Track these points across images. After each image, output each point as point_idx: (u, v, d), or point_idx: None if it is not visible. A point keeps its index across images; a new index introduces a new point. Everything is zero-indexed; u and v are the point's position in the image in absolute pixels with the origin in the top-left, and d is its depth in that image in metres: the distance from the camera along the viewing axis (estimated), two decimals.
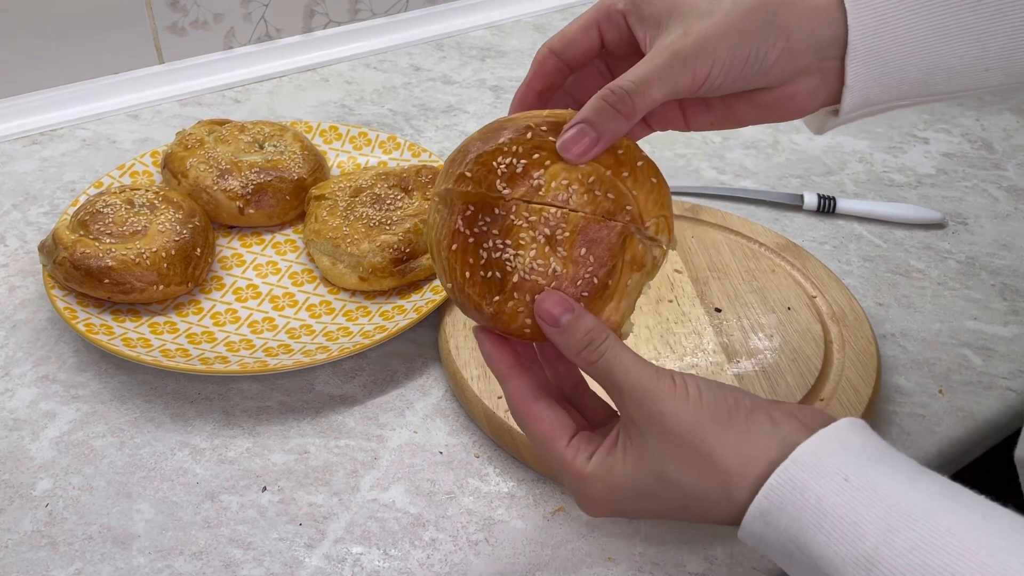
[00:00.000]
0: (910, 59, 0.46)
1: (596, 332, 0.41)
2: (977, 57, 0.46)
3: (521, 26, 1.17)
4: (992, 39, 0.46)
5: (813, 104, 0.48)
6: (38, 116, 0.92)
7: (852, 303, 0.68)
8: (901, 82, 0.47)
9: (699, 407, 0.40)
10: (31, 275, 0.73)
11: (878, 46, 0.46)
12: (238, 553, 0.53)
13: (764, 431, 0.39)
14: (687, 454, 0.40)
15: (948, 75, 0.47)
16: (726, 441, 0.39)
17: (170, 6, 0.96)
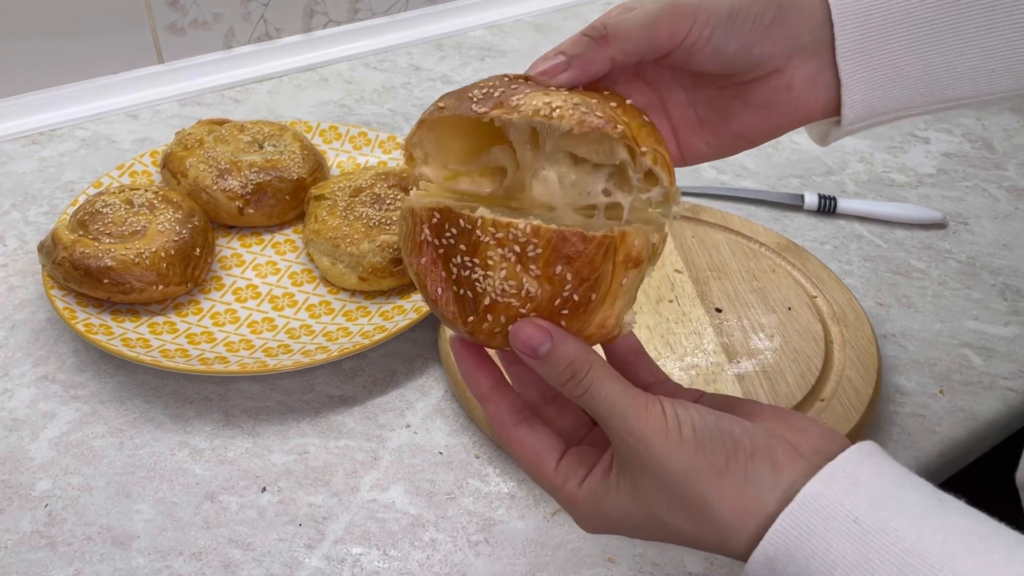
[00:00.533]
0: (905, 58, 0.44)
1: (579, 363, 0.38)
2: (980, 57, 0.45)
3: (521, 26, 1.17)
4: (993, 37, 0.44)
5: (813, 98, 0.45)
6: (37, 116, 0.92)
7: (853, 303, 0.68)
8: (902, 85, 0.45)
9: (693, 453, 0.37)
10: (30, 275, 0.73)
11: (868, 45, 0.44)
12: (238, 553, 0.53)
13: (764, 481, 0.36)
14: (681, 503, 0.37)
15: (952, 77, 0.45)
16: (722, 493, 0.36)
17: (169, 6, 0.95)
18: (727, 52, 0.43)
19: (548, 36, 1.14)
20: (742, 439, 0.37)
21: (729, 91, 0.46)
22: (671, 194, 0.39)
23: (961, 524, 0.34)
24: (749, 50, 0.43)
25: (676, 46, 0.43)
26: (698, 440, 0.37)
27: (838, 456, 0.36)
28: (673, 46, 0.43)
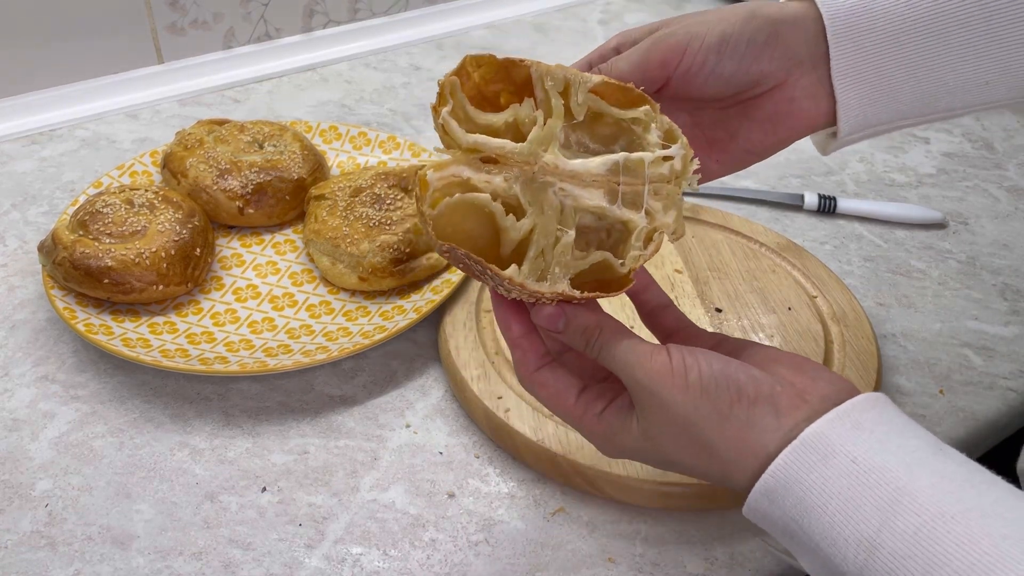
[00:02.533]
0: (900, 73, 0.45)
1: (591, 330, 0.42)
2: (974, 71, 0.46)
3: (521, 26, 1.17)
4: (987, 51, 0.45)
5: (815, 108, 0.47)
6: (37, 116, 0.92)
7: (853, 303, 0.68)
8: (897, 99, 0.46)
9: (699, 396, 0.39)
10: (30, 275, 0.73)
11: (862, 61, 0.45)
12: (238, 554, 0.53)
13: (766, 425, 0.39)
14: (687, 441, 0.40)
15: (947, 90, 0.46)
16: (725, 434, 0.39)
17: (169, 6, 0.95)
18: (724, 74, 0.45)
19: (548, 36, 1.14)
20: (747, 385, 0.39)
21: (733, 110, 0.48)
22: (687, 159, 0.42)
23: (956, 471, 0.36)
24: (747, 69, 0.45)
25: (670, 76, 0.45)
26: (704, 385, 0.39)
27: (844, 403, 0.38)
28: (666, 76, 0.45)
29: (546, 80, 0.42)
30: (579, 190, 0.42)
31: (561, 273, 0.42)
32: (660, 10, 1.22)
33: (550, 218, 0.42)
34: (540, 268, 0.42)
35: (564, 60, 1.12)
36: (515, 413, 0.59)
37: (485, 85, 0.43)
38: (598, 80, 0.42)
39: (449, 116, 0.42)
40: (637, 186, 0.42)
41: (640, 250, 0.42)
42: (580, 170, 0.42)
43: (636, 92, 0.42)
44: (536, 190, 0.42)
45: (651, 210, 0.42)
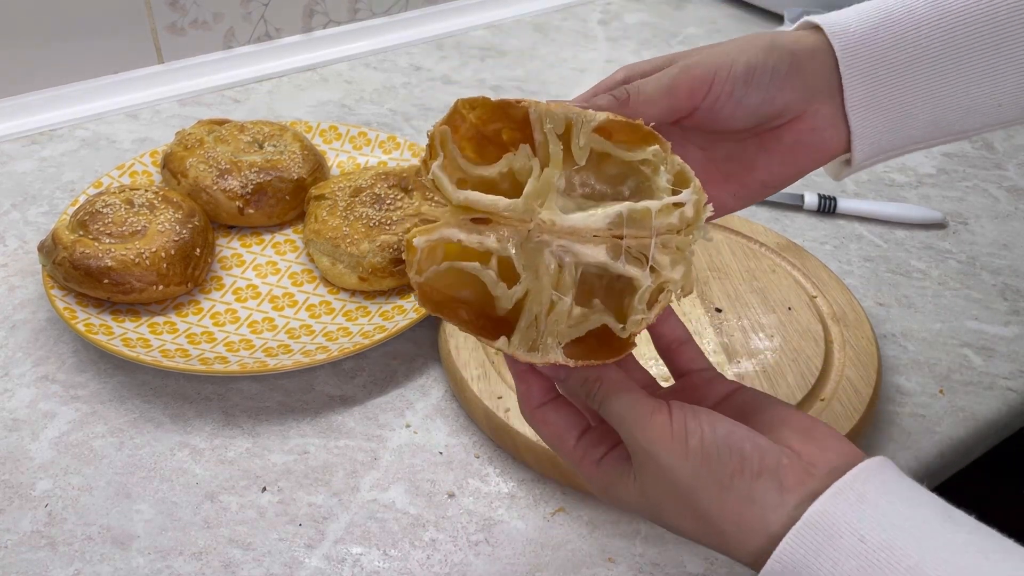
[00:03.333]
0: (913, 100, 0.45)
1: (591, 383, 0.41)
2: (987, 93, 0.46)
3: (521, 26, 1.17)
4: (1000, 74, 0.45)
5: (835, 138, 0.46)
6: (37, 116, 0.92)
7: (853, 303, 0.68)
8: (911, 125, 0.46)
9: (699, 464, 0.37)
10: (30, 275, 0.73)
11: (877, 91, 0.45)
12: (238, 553, 0.53)
13: (768, 501, 0.36)
14: (684, 507, 0.38)
15: (960, 114, 0.46)
16: (724, 506, 0.37)
17: (169, 6, 0.95)
18: (751, 104, 0.45)
19: (548, 36, 1.14)
20: (751, 457, 0.37)
21: (751, 142, 0.47)
22: (699, 205, 0.38)
23: (968, 541, 0.34)
24: (772, 100, 0.45)
25: (697, 106, 0.44)
26: (705, 452, 0.37)
27: (846, 474, 0.36)
28: (693, 107, 0.44)
29: (544, 122, 0.38)
30: (579, 246, 0.38)
31: (554, 343, 0.39)
32: (660, 10, 1.22)
33: (545, 284, 0.39)
34: (532, 338, 0.39)
35: (564, 60, 1.13)
36: (515, 413, 0.59)
37: (483, 125, 0.40)
38: (603, 118, 0.38)
39: (440, 171, 0.39)
40: (644, 239, 0.38)
41: (643, 313, 0.38)
42: (580, 226, 0.38)
43: (645, 129, 0.38)
44: (532, 251, 0.39)
45: (657, 265, 0.38)
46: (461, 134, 0.40)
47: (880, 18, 0.45)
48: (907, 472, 0.59)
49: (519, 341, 0.39)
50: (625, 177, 0.40)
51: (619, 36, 1.15)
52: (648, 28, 1.17)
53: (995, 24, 0.44)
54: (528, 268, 0.39)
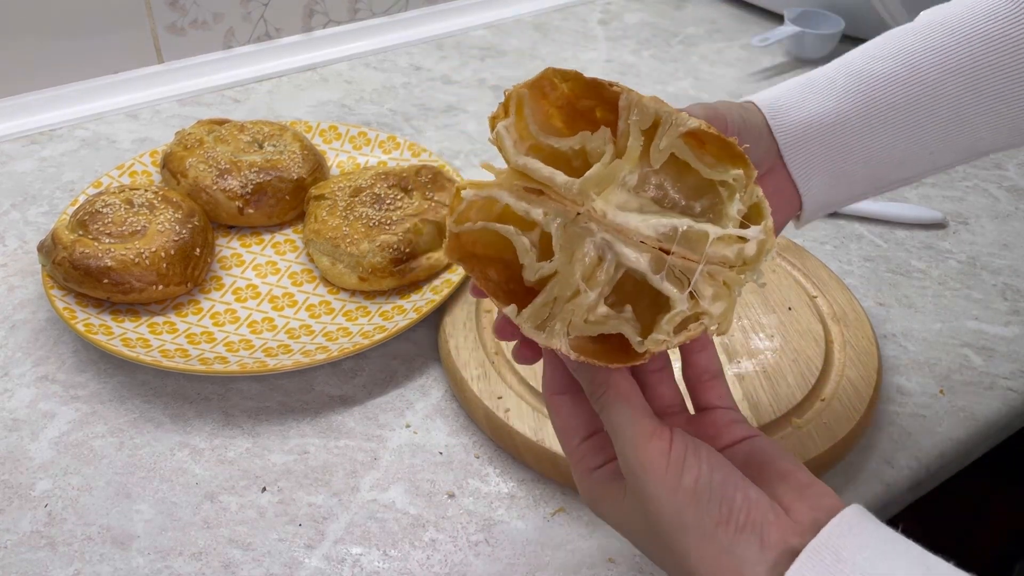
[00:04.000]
0: (849, 160, 0.49)
1: (596, 384, 0.39)
2: (917, 145, 0.48)
3: (521, 26, 1.17)
4: (923, 128, 0.48)
5: (793, 197, 0.50)
6: (37, 116, 0.92)
7: (853, 303, 0.68)
8: (850, 182, 0.50)
9: (686, 504, 0.36)
10: (30, 275, 0.73)
11: (812, 156, 0.48)
12: (237, 554, 0.53)
13: (747, 556, 0.35)
14: (663, 542, 0.37)
15: (893, 166, 0.49)
16: (702, 551, 0.36)
17: (169, 6, 0.95)
18: (747, 140, 0.47)
19: (548, 36, 1.14)
20: (739, 509, 0.36)
21: None
22: (764, 247, 0.36)
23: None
24: (759, 144, 0.48)
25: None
26: (697, 494, 0.36)
27: (822, 530, 0.35)
28: None
29: (632, 112, 0.36)
30: (623, 246, 0.37)
31: (562, 330, 0.37)
32: (660, 10, 1.22)
33: (576, 270, 0.37)
34: (542, 317, 0.38)
35: (564, 60, 1.13)
36: (515, 413, 0.59)
37: (576, 99, 0.38)
38: (696, 124, 0.36)
39: (505, 130, 0.38)
40: (692, 262, 0.36)
41: (667, 335, 0.36)
42: (630, 226, 0.36)
43: (737, 149, 0.36)
44: (574, 235, 0.37)
45: (698, 293, 0.36)
46: (551, 101, 0.38)
47: (804, 93, 0.49)
48: (908, 472, 0.59)
49: (529, 315, 0.38)
50: (703, 193, 0.38)
51: (619, 36, 1.15)
52: (648, 28, 1.17)
53: (919, 84, 0.47)
54: (565, 250, 0.37)
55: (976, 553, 0.80)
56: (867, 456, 0.60)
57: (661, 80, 1.05)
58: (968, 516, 0.80)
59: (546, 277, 0.38)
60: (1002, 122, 0.48)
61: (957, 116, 0.48)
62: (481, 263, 0.40)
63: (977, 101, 0.47)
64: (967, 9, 0.48)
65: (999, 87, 0.47)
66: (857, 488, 0.58)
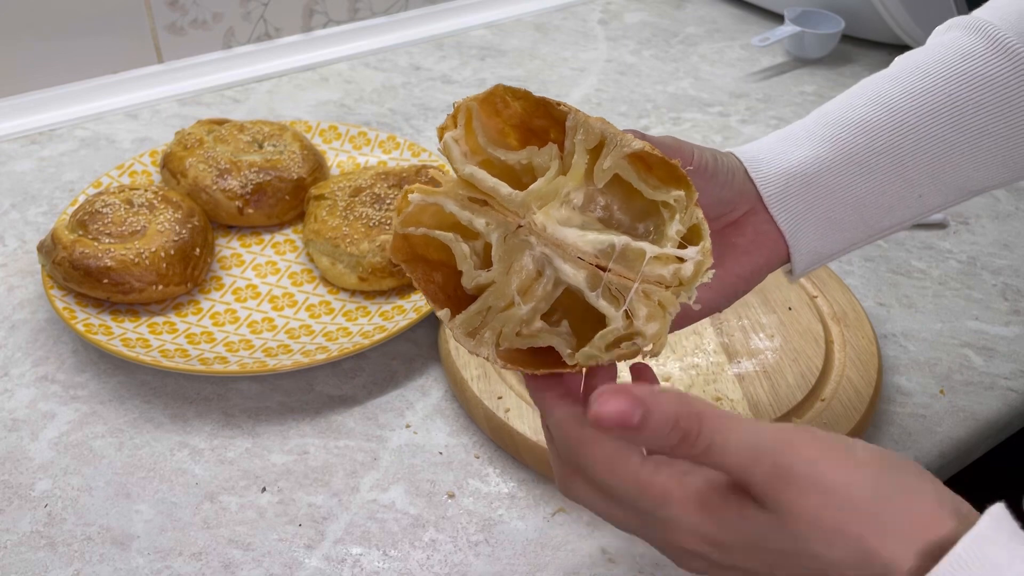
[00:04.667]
0: (836, 208, 0.48)
1: (685, 420, 0.32)
2: (904, 188, 0.48)
3: (521, 25, 1.17)
4: (910, 170, 0.48)
5: (779, 242, 0.48)
6: (37, 116, 0.92)
7: (853, 303, 0.68)
8: (840, 230, 0.49)
9: (877, 473, 0.32)
10: (30, 275, 0.73)
11: (798, 206, 0.47)
12: (237, 554, 0.53)
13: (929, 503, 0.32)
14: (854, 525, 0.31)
15: (883, 212, 0.49)
16: (912, 505, 0.32)
17: (169, 5, 0.95)
18: (718, 183, 0.46)
19: (548, 36, 1.14)
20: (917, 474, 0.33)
21: (721, 233, 0.48)
22: (701, 267, 0.36)
23: None
24: (732, 184, 0.47)
25: (687, 165, 0.45)
26: (882, 462, 0.32)
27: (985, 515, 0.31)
28: (685, 165, 0.44)
29: (578, 132, 0.37)
30: (560, 261, 0.37)
31: (491, 338, 0.38)
32: (660, 10, 1.22)
33: (511, 282, 0.37)
34: (474, 325, 0.38)
35: (564, 60, 1.12)
36: (515, 413, 0.58)
37: (529, 118, 0.39)
38: (640, 146, 0.36)
39: (453, 141, 0.38)
40: (628, 280, 0.36)
41: (599, 351, 0.36)
42: (567, 242, 0.37)
43: (680, 171, 0.36)
44: (513, 248, 0.38)
45: (632, 312, 0.36)
46: (505, 119, 0.39)
47: (783, 144, 0.48)
48: None
49: (461, 322, 0.38)
50: (648, 215, 0.38)
51: (619, 36, 1.15)
52: (648, 28, 1.17)
53: (900, 127, 0.47)
54: (503, 261, 0.38)
55: None
56: None
57: (661, 80, 1.05)
58: None
59: (483, 286, 0.38)
60: (991, 158, 0.48)
61: (942, 157, 0.48)
62: (430, 266, 0.41)
63: (961, 140, 0.47)
64: (941, 50, 0.48)
65: (982, 124, 0.47)
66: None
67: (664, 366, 0.62)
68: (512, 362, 0.38)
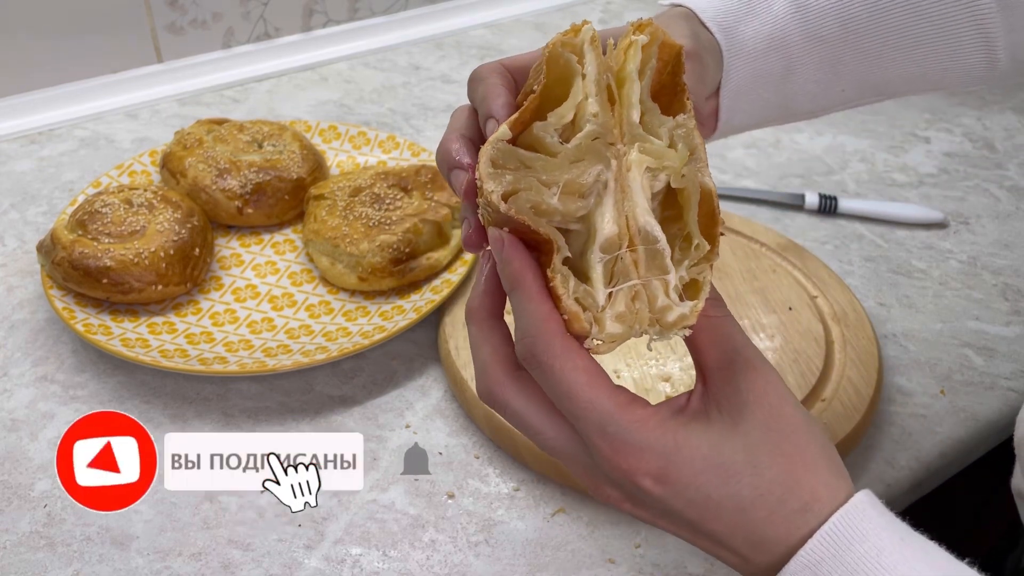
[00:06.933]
0: (768, 83, 0.48)
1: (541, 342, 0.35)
2: (832, 82, 0.49)
3: (521, 25, 1.17)
4: (845, 66, 0.48)
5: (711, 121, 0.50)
6: (36, 115, 0.92)
7: (854, 303, 0.68)
8: (764, 107, 0.50)
9: (808, 418, 0.36)
10: (29, 275, 0.73)
11: (740, 82, 0.48)
12: (237, 554, 0.53)
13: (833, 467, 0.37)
14: (789, 448, 0.35)
15: (807, 99, 0.50)
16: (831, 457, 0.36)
17: (169, 5, 0.95)
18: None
19: (548, 35, 1.14)
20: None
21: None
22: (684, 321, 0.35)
23: None
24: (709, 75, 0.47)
25: None
26: (807, 419, 0.36)
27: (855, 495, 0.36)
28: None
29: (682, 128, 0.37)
30: (611, 206, 0.36)
31: (508, 184, 0.35)
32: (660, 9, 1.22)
33: (566, 169, 0.35)
34: (507, 164, 0.35)
35: None
36: None
37: (661, 85, 0.38)
38: (710, 185, 0.36)
39: (641, 42, 0.36)
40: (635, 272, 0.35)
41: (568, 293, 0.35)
42: (632, 197, 0.36)
43: (717, 231, 0.36)
44: (592, 151, 0.36)
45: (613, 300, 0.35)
46: (658, 62, 0.38)
47: (748, 6, 0.48)
48: (908, 472, 0.59)
49: (501, 150, 0.35)
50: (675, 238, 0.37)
51: None
52: None
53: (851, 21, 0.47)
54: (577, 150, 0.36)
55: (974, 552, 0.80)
56: (868, 456, 0.60)
57: None
58: (969, 516, 0.80)
59: (549, 148, 0.36)
60: (915, 67, 0.49)
61: (877, 58, 0.48)
62: (540, 84, 0.37)
63: (899, 44, 0.48)
64: None
65: (920, 32, 0.48)
66: (858, 488, 0.58)
67: (664, 366, 0.62)
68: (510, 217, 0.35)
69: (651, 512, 0.37)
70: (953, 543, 0.37)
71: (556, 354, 0.35)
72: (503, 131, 0.36)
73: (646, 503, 0.36)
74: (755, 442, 0.35)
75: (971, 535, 0.81)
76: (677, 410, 0.36)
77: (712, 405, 0.36)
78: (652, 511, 0.37)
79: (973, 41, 0.48)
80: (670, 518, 0.36)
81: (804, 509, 0.35)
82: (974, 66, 0.49)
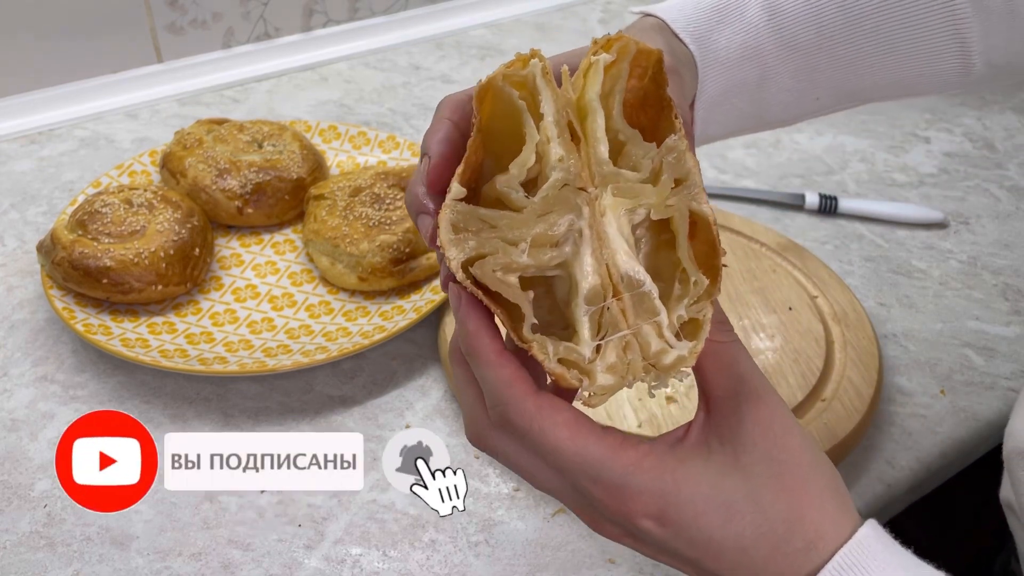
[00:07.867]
0: (742, 93, 0.48)
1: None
2: (807, 90, 0.49)
3: (521, 25, 1.17)
4: (820, 73, 0.48)
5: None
6: (36, 115, 0.92)
7: (854, 303, 0.68)
8: (738, 117, 0.49)
9: (815, 451, 0.35)
10: (29, 275, 0.73)
11: (716, 92, 0.47)
12: (237, 554, 0.53)
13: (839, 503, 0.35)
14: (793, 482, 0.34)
15: (781, 108, 0.49)
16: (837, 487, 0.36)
17: (169, 5, 0.95)
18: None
19: (548, 35, 1.14)
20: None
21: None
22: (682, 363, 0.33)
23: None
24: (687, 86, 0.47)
25: None
26: (813, 451, 0.35)
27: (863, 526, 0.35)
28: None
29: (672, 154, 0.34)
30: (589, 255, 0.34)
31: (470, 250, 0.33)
32: None
33: (533, 224, 0.33)
34: (468, 226, 0.33)
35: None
36: None
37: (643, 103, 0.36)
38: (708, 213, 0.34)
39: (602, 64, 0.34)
40: (623, 322, 0.33)
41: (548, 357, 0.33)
42: (609, 244, 0.34)
43: (718, 262, 0.34)
44: (561, 200, 0.33)
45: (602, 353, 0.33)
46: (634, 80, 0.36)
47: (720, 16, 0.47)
48: (909, 472, 0.59)
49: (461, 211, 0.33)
50: (657, 275, 0.35)
51: None
52: None
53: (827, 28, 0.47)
54: (544, 202, 0.33)
55: (973, 552, 0.80)
56: (868, 456, 0.60)
57: None
58: (968, 516, 0.80)
59: (513, 204, 0.34)
60: (889, 75, 0.49)
61: (852, 65, 0.48)
62: (486, 135, 0.35)
63: (875, 51, 0.47)
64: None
65: (895, 40, 0.47)
66: (858, 488, 0.58)
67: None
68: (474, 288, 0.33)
69: (652, 549, 0.36)
70: (953, 543, 0.37)
71: (531, 416, 0.34)
72: (456, 190, 0.33)
73: (647, 541, 0.35)
74: (758, 476, 0.34)
75: (971, 535, 0.81)
76: (674, 443, 0.35)
77: (713, 436, 0.35)
78: (653, 548, 0.36)
79: (948, 47, 0.48)
80: (672, 555, 0.36)
81: (808, 548, 0.34)
82: (949, 72, 0.49)
